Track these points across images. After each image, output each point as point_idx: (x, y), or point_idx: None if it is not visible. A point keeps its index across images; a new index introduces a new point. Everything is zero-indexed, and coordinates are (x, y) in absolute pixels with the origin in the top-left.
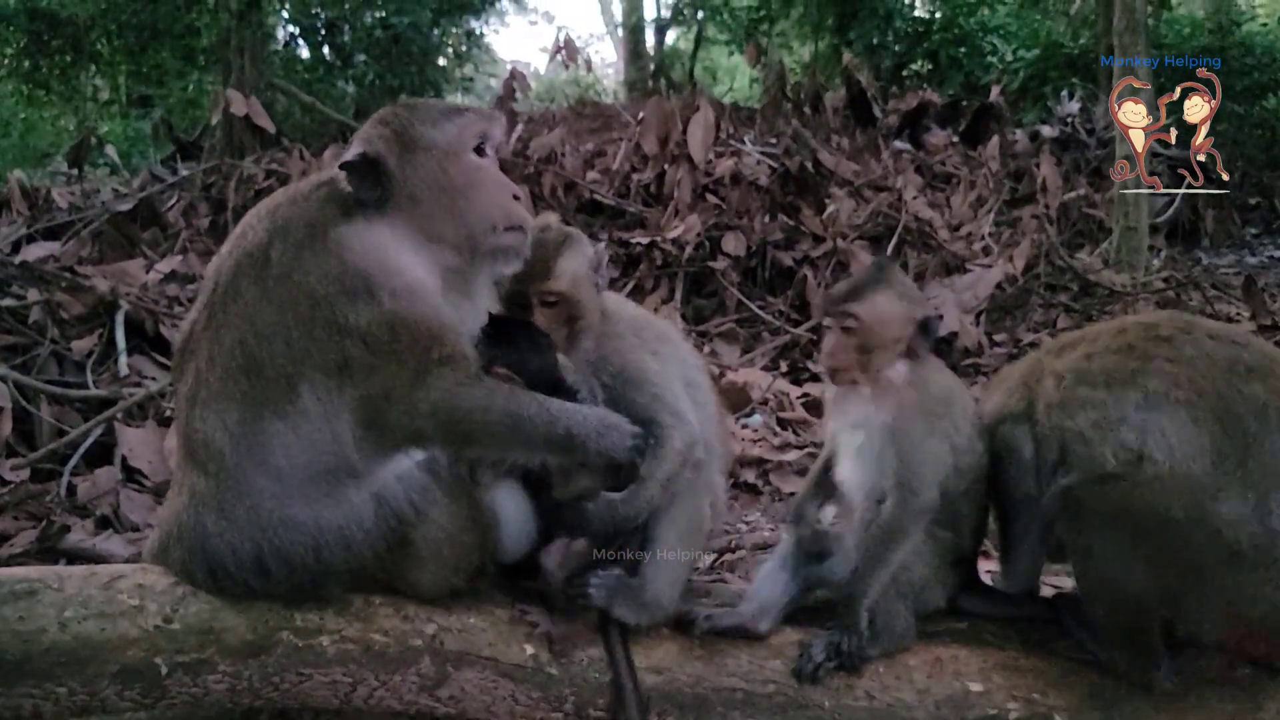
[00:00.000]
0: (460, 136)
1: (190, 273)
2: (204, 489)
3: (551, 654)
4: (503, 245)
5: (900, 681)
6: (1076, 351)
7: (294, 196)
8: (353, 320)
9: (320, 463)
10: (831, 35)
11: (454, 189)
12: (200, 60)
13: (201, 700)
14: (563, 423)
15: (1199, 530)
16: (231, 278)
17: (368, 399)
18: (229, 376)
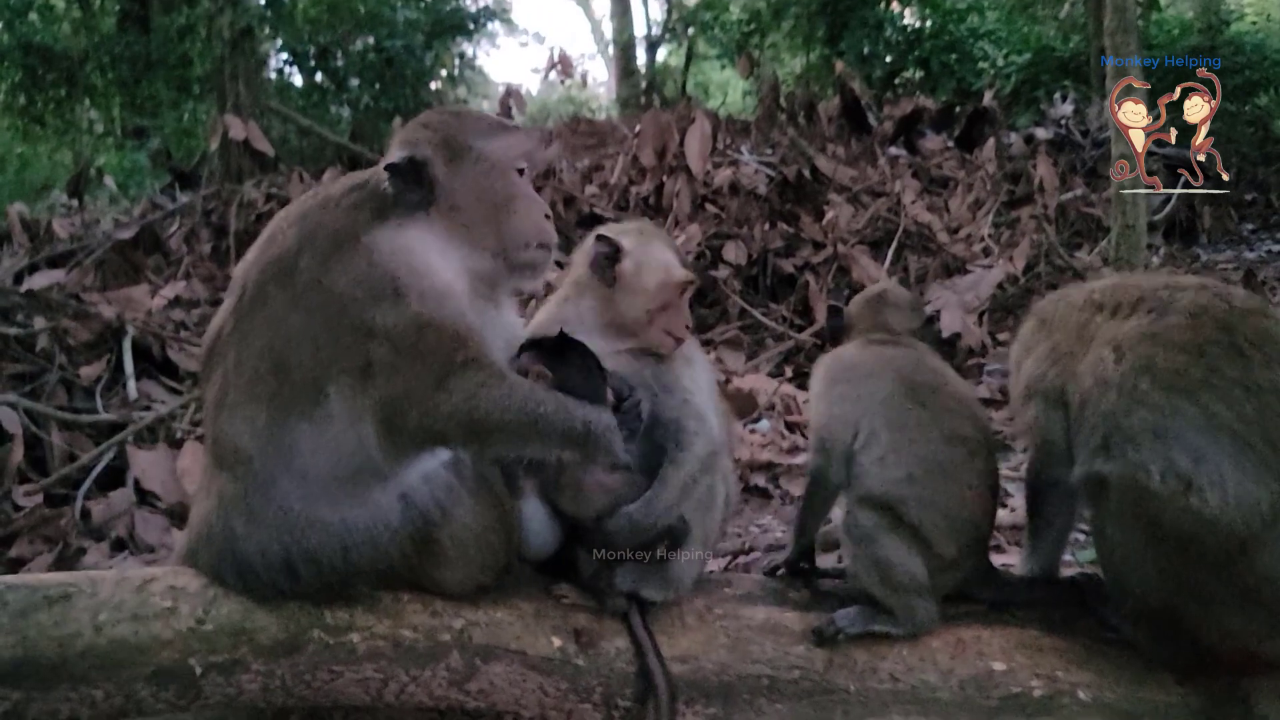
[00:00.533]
0: (509, 152)
1: (194, 298)
2: (232, 492)
3: (579, 645)
4: (532, 260)
5: (924, 663)
6: (1139, 321)
7: (324, 202)
8: (379, 321)
9: (346, 465)
10: (823, 46)
11: (497, 201)
12: (195, 89)
13: (236, 700)
14: (580, 418)
15: (1225, 570)
16: (259, 284)
17: (389, 401)
18: (256, 380)
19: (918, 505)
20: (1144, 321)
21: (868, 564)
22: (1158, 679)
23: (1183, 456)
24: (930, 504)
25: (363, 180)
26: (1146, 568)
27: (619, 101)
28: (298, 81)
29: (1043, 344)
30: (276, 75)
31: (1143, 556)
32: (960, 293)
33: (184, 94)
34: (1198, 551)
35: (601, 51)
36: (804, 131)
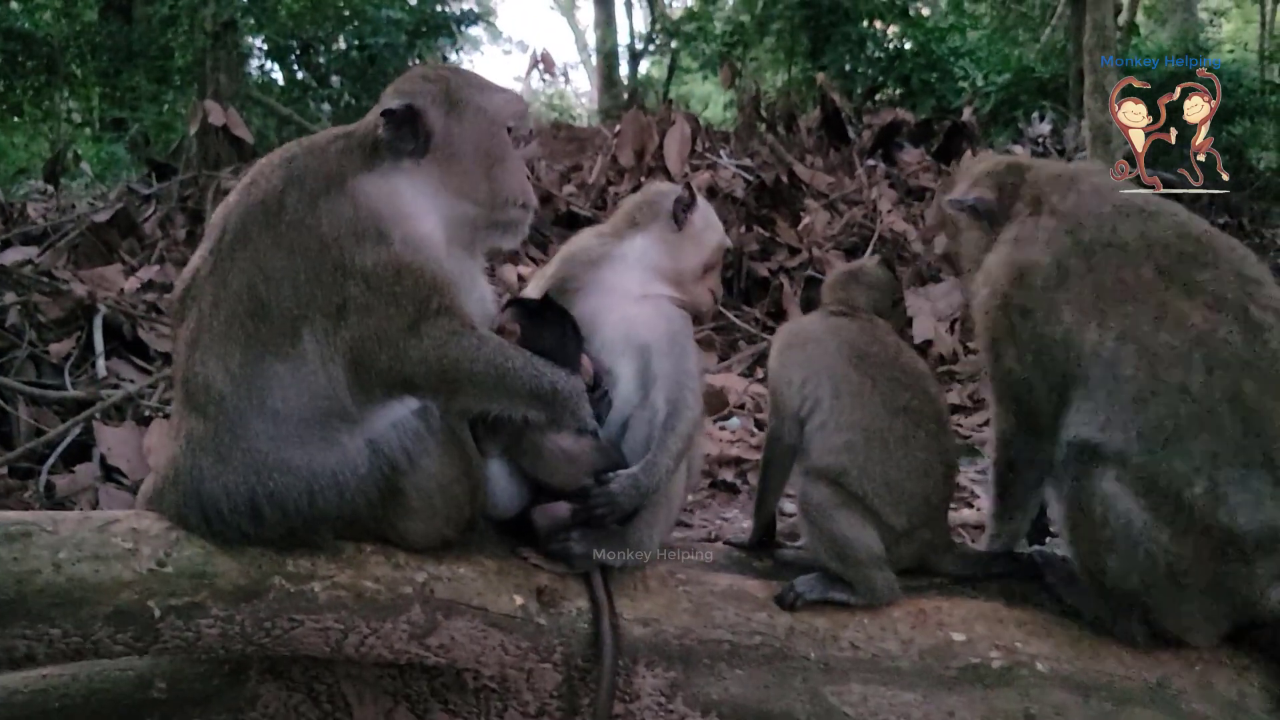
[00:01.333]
0: (504, 110)
1: (168, 282)
2: (201, 432)
3: (541, 604)
4: (514, 219)
5: (885, 632)
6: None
7: (310, 148)
8: (358, 261)
9: (316, 407)
10: (805, 61)
11: (490, 155)
12: (175, 81)
13: (194, 645)
14: (548, 379)
15: (1223, 570)
16: (241, 224)
17: (360, 341)
18: (234, 320)
19: (859, 475)
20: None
21: (822, 539)
22: (1114, 652)
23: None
24: (871, 474)
25: (349, 130)
26: (1134, 550)
27: (600, 111)
28: (279, 77)
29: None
30: (258, 70)
31: (1133, 539)
32: (933, 301)
33: (164, 86)
34: (1206, 552)
35: (584, 61)
36: (784, 141)
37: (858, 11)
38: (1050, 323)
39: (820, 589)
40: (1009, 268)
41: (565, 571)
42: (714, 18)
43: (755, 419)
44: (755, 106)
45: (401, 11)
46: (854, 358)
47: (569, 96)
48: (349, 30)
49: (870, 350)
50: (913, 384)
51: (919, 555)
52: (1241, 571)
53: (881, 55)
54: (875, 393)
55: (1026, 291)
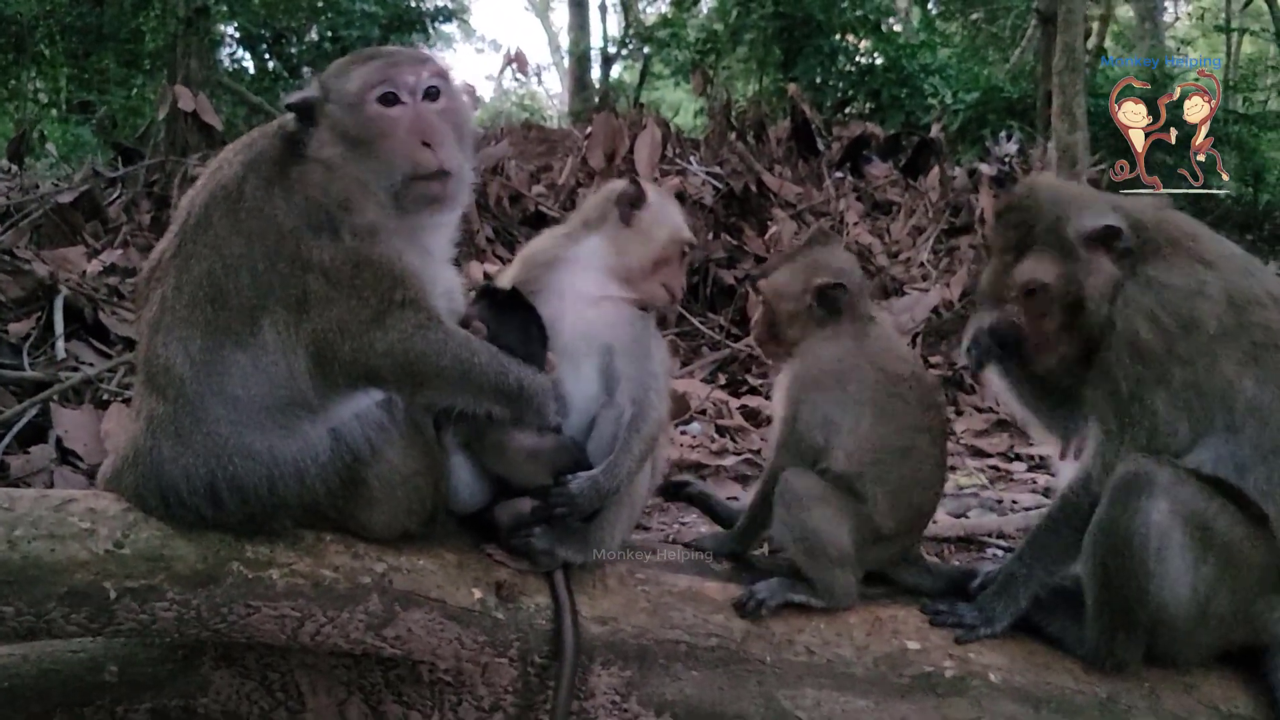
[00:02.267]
0: (361, 87)
1: (131, 266)
2: (162, 413)
3: (499, 599)
4: (420, 194)
5: (840, 638)
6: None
7: (269, 132)
8: (316, 255)
9: (277, 396)
10: (776, 72)
11: (358, 140)
12: (145, 65)
13: (148, 628)
14: (514, 375)
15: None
16: (204, 209)
17: (322, 334)
18: (195, 304)
19: (873, 479)
20: None
21: (795, 531)
22: (1066, 666)
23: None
24: (884, 480)
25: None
26: (1177, 579)
27: (571, 114)
28: (250, 65)
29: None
30: (229, 58)
31: (1179, 569)
32: (896, 314)
33: (133, 70)
34: (1247, 584)
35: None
36: (753, 150)
37: (830, 25)
38: (1209, 371)
39: (780, 593)
40: (1178, 317)
41: (527, 568)
42: (687, 25)
43: (716, 425)
44: (726, 115)
45: (375, 5)
46: (890, 383)
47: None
48: (322, 22)
49: (896, 370)
50: (930, 401)
51: (889, 561)
52: (1270, 601)
53: (852, 69)
54: (907, 413)
55: (1191, 341)
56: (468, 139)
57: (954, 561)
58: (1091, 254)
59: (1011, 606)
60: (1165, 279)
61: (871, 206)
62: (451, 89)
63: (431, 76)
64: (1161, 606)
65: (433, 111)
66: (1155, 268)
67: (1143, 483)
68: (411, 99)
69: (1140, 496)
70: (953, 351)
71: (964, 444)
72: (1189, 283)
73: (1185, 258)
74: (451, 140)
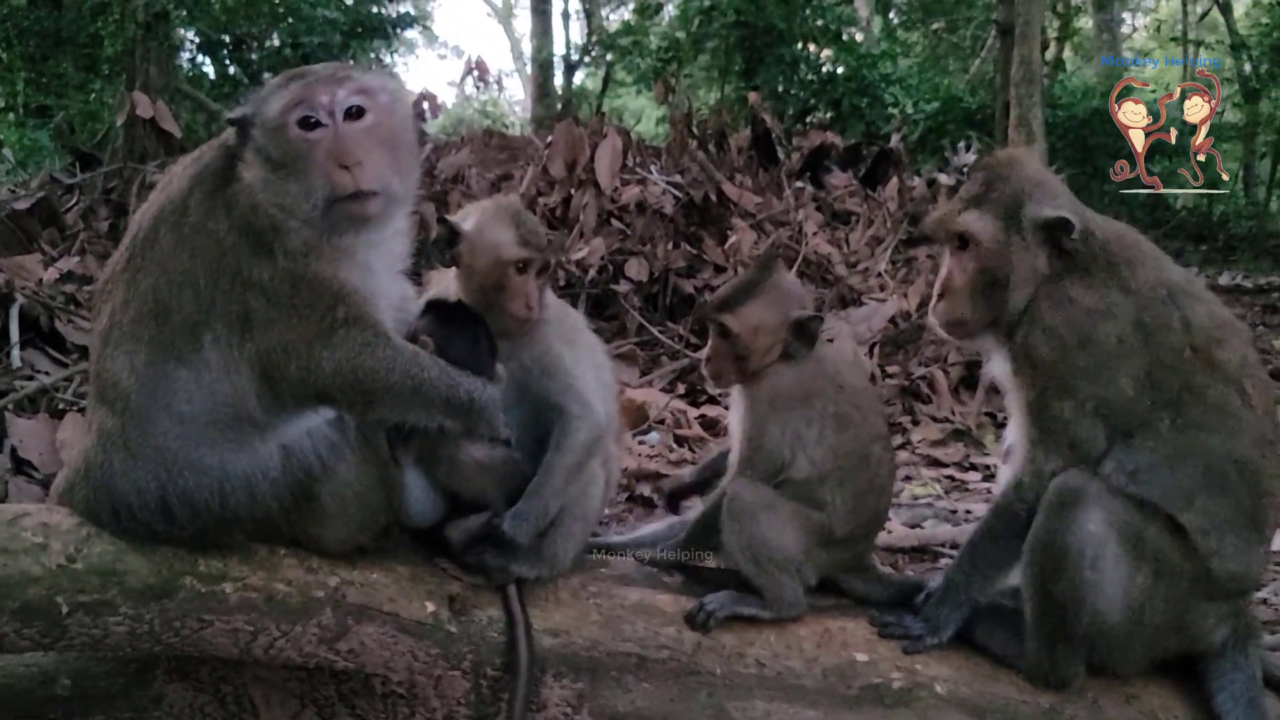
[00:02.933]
0: (279, 111)
1: (88, 274)
2: (112, 427)
3: (453, 612)
4: (343, 215)
5: (790, 650)
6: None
7: (214, 144)
8: (256, 274)
9: (221, 412)
10: (738, 80)
11: (279, 163)
12: (104, 70)
13: (101, 642)
14: (464, 389)
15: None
16: (153, 224)
17: (266, 353)
18: (140, 320)
19: (834, 484)
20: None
21: (744, 540)
22: (1011, 678)
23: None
24: (844, 485)
25: None
26: (1113, 590)
27: (534, 121)
28: (210, 71)
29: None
30: (189, 63)
31: (1114, 580)
32: (854, 324)
33: (92, 74)
34: (1180, 594)
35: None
36: (714, 159)
37: (792, 34)
38: (1109, 386)
39: (730, 605)
40: (1078, 335)
41: (481, 583)
42: (650, 33)
43: (675, 434)
44: (687, 123)
45: (337, 11)
46: (849, 394)
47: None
48: (283, 28)
49: (856, 383)
50: (880, 409)
51: (843, 566)
52: (1202, 609)
53: (814, 78)
54: (863, 420)
55: (1090, 358)
56: (404, 153)
57: (908, 571)
58: (1035, 241)
59: (955, 614)
60: (1077, 297)
61: (831, 216)
62: (380, 103)
63: (352, 95)
64: (1099, 617)
65: (356, 131)
66: (1074, 285)
67: (1075, 495)
68: (331, 120)
69: (1074, 509)
70: (909, 361)
71: (919, 454)
72: (1098, 304)
73: (1108, 280)
74: (378, 157)
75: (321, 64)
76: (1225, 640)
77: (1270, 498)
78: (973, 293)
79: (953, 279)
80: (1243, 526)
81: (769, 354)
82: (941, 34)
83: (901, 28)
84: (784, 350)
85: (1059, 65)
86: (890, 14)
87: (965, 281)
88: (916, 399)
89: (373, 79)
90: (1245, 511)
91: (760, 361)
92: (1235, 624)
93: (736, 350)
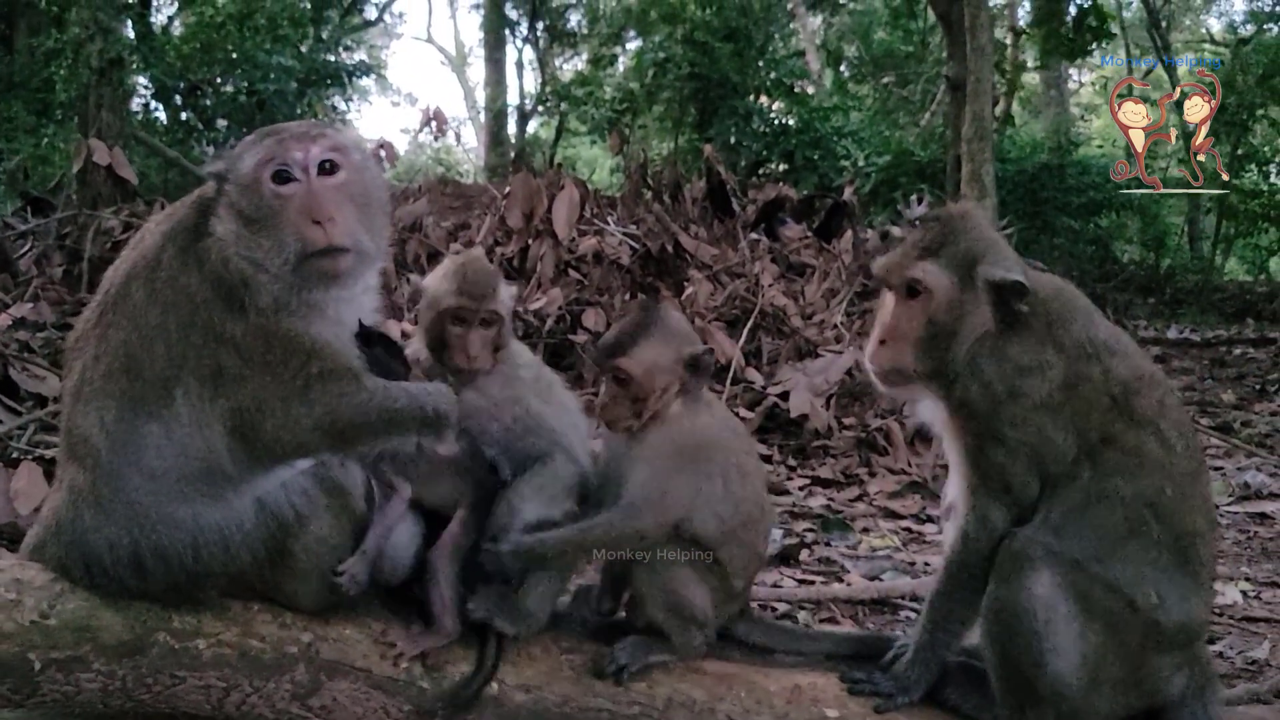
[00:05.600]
0: (253, 166)
1: (41, 320)
2: (82, 483)
3: (425, 668)
4: (314, 271)
5: (760, 706)
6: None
7: (188, 200)
8: (228, 329)
9: (194, 466)
10: (692, 131)
11: (251, 218)
12: (56, 115)
13: (73, 699)
14: (430, 402)
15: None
16: (125, 279)
17: (239, 411)
18: (110, 375)
19: (736, 544)
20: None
21: (659, 590)
22: None
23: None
24: (744, 542)
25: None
26: (1068, 650)
27: (487, 169)
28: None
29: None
30: (143, 109)
31: (1069, 639)
32: (810, 375)
33: (44, 119)
34: (1132, 648)
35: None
36: (669, 210)
37: (745, 86)
38: (1039, 435)
39: (640, 654)
40: (1008, 389)
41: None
42: (604, 83)
43: None
44: (642, 174)
45: (292, 59)
46: (740, 444)
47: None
48: (238, 74)
49: (741, 430)
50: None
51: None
52: (1155, 662)
53: (767, 130)
54: (755, 471)
55: (1019, 409)
56: (375, 208)
57: (868, 625)
58: (985, 299)
59: (925, 674)
60: (1014, 355)
61: (786, 268)
62: (352, 161)
63: (325, 151)
64: (1058, 678)
65: (328, 187)
66: (1012, 343)
67: (1022, 559)
68: (305, 175)
69: (1021, 573)
70: (865, 413)
71: (876, 505)
72: (1032, 362)
73: (1044, 338)
74: (350, 214)
75: (295, 122)
76: (1183, 691)
77: (1198, 536)
78: (917, 342)
79: (898, 326)
80: (1173, 570)
81: (666, 394)
82: (891, 88)
83: (852, 81)
84: (681, 387)
85: (1008, 120)
86: (841, 67)
87: (911, 331)
88: (873, 450)
89: (345, 137)
90: (1170, 553)
91: (658, 403)
92: (1191, 673)
93: (634, 394)
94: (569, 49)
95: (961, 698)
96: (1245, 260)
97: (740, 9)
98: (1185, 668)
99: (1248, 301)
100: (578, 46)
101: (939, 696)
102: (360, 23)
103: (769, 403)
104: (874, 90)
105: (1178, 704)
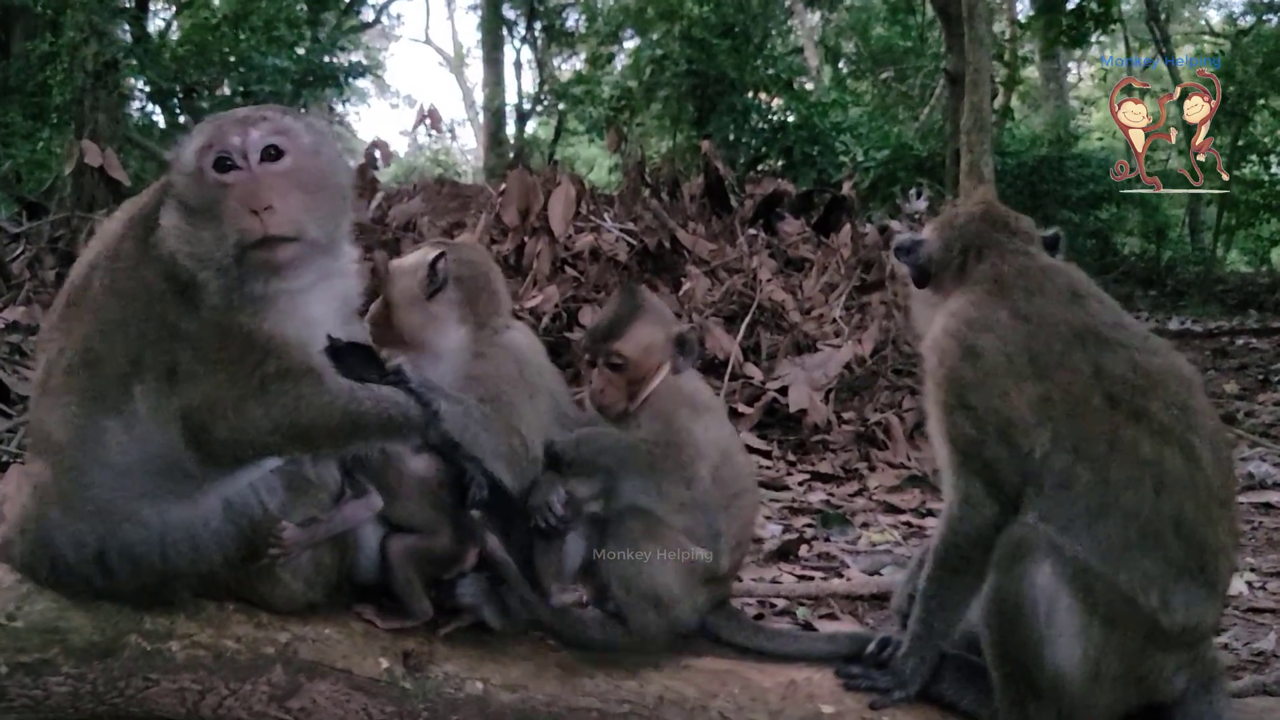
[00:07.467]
0: (195, 155)
1: (34, 324)
2: (47, 480)
3: (407, 668)
4: (256, 262)
5: (755, 703)
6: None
7: (154, 187)
8: (184, 325)
9: (156, 464)
10: (690, 128)
11: (193, 208)
12: (52, 119)
13: (42, 704)
14: (399, 408)
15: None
16: (87, 270)
17: (191, 410)
18: (72, 370)
19: (734, 514)
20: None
21: (622, 567)
22: None
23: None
24: (736, 515)
25: None
26: (1068, 644)
27: (486, 170)
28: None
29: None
30: (138, 112)
31: (1068, 633)
32: (809, 370)
33: (40, 123)
34: (1134, 646)
35: (472, 119)
36: (667, 206)
37: (743, 82)
38: (1003, 402)
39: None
40: (959, 345)
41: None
42: (602, 82)
43: None
44: (640, 171)
45: (288, 60)
46: (727, 420)
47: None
48: (234, 76)
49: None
50: None
51: (711, 604)
52: (1157, 660)
53: (765, 126)
54: (739, 447)
55: (976, 370)
56: (329, 194)
57: (868, 620)
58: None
59: (922, 666)
60: (958, 310)
61: (784, 263)
62: (300, 144)
63: (268, 135)
64: (1058, 671)
65: (271, 174)
66: (957, 300)
67: (1024, 548)
68: (246, 162)
69: (1023, 562)
70: (864, 407)
71: (876, 500)
72: (977, 316)
73: (995, 300)
74: (295, 201)
75: (242, 108)
76: (1186, 688)
77: (1221, 553)
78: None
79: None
80: (1187, 580)
81: (658, 372)
82: (890, 83)
83: (851, 77)
84: (672, 367)
85: (1007, 114)
86: (839, 63)
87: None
88: (872, 445)
89: (292, 120)
90: (1186, 567)
91: (650, 383)
92: (1195, 670)
93: (630, 376)
94: (567, 48)
95: (958, 692)
96: (1246, 252)
97: (738, 5)
98: (1189, 666)
99: (1249, 293)
100: (575, 46)
101: (935, 691)
102: (357, 24)
103: (768, 398)
104: (873, 86)
105: (1181, 700)
